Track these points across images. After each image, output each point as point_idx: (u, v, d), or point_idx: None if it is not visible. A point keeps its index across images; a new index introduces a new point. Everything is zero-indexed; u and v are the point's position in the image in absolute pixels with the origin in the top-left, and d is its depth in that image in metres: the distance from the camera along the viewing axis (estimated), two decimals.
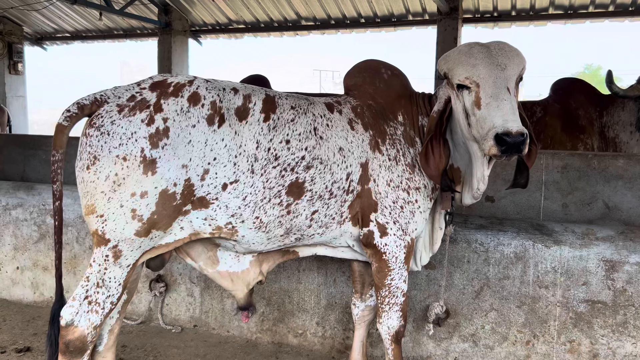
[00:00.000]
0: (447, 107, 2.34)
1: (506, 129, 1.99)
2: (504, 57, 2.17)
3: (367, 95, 2.56)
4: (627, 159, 3.47)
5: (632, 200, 3.43)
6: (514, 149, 1.99)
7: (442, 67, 2.33)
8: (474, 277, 2.99)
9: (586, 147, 4.59)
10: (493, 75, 2.13)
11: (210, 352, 3.24)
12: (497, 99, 2.08)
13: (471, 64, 2.18)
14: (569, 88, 4.85)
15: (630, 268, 2.74)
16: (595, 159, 3.54)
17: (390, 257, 2.47)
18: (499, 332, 2.95)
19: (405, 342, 3.10)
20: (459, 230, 3.03)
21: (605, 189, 3.50)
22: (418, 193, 2.48)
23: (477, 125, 2.15)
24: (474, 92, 2.17)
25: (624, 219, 3.45)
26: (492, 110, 2.07)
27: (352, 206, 2.45)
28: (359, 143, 2.43)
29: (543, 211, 3.64)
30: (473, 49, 2.22)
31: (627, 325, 2.75)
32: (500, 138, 1.99)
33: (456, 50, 2.29)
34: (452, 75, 2.26)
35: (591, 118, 4.67)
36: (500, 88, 2.11)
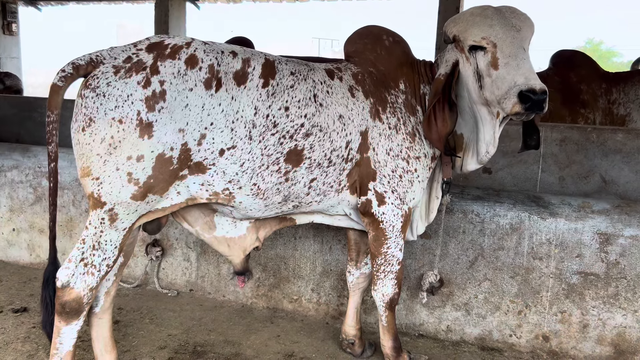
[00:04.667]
0: (454, 71, 2.32)
1: (530, 86, 2.02)
2: (517, 19, 2.20)
3: (368, 62, 2.52)
4: (626, 133, 3.46)
5: (629, 174, 3.44)
6: (537, 106, 2.03)
7: (451, 29, 2.31)
8: (469, 247, 3.01)
9: (587, 122, 4.57)
10: (510, 35, 2.15)
11: (206, 316, 3.28)
12: (516, 58, 2.11)
13: (488, 24, 2.18)
14: (570, 61, 4.80)
15: (624, 241, 2.76)
16: (594, 133, 3.53)
17: (387, 226, 2.48)
18: (492, 301, 2.99)
19: (399, 310, 3.14)
20: (455, 201, 3.04)
21: (603, 163, 3.50)
22: (417, 162, 2.47)
23: (493, 86, 2.16)
24: (490, 52, 2.18)
25: (620, 192, 3.46)
26: (512, 69, 2.10)
27: (350, 175, 2.44)
28: (359, 111, 2.40)
29: (540, 184, 3.65)
30: (487, 11, 2.22)
31: (618, 297, 2.79)
32: (525, 95, 2.02)
33: (467, 12, 2.28)
34: (464, 37, 2.25)
35: (595, 93, 4.63)
36: (518, 48, 2.13)
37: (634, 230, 2.75)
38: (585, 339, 2.85)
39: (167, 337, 3.00)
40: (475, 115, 2.35)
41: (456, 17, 2.29)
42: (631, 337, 2.78)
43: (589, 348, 2.85)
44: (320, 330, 3.16)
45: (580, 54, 5.00)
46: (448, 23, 2.32)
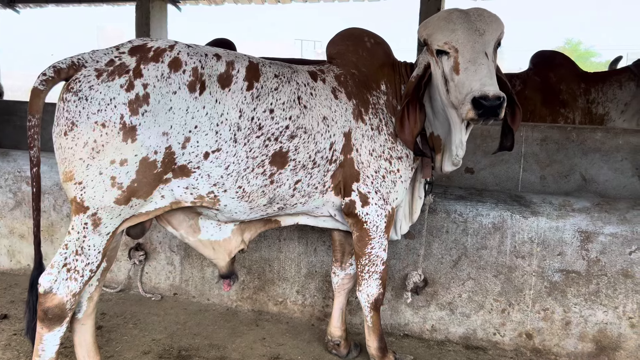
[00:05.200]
0: (426, 73, 2.35)
1: (483, 92, 2.01)
2: (483, 22, 2.18)
3: (350, 63, 2.54)
4: (604, 132, 3.52)
5: (608, 172, 3.50)
6: (491, 112, 2.01)
7: (422, 33, 2.33)
8: (452, 246, 3.03)
9: (567, 121, 4.63)
10: (472, 40, 2.14)
11: (190, 320, 3.26)
12: (475, 64, 2.10)
13: (450, 29, 2.18)
14: (549, 61, 4.87)
15: (604, 239, 2.81)
16: (574, 132, 3.59)
17: (371, 226, 2.49)
18: (476, 300, 3.02)
19: (384, 310, 3.16)
20: (438, 201, 3.06)
21: (583, 162, 3.56)
22: (400, 162, 2.49)
23: (456, 91, 2.16)
24: (452, 57, 2.18)
25: (600, 191, 3.52)
26: (470, 74, 2.08)
27: (334, 176, 2.45)
28: (343, 112, 2.41)
29: (521, 183, 3.70)
30: (452, 15, 2.22)
31: (599, 294, 2.83)
32: (478, 102, 2.01)
33: (436, 16, 2.28)
34: (431, 41, 2.26)
35: (574, 93, 4.70)
36: (478, 53, 2.12)
37: (614, 228, 2.79)
38: (568, 336, 2.89)
39: (151, 342, 2.97)
40: (447, 117, 2.38)
41: (426, 21, 2.31)
42: (612, 333, 2.82)
43: (572, 345, 2.89)
44: (305, 332, 3.16)
45: (560, 55, 5.07)
46: (420, 26, 2.34)
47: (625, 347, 2.81)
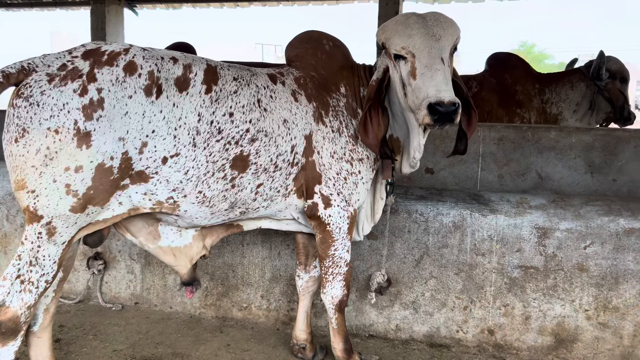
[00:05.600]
0: (385, 76, 2.37)
1: (439, 98, 2.02)
2: (439, 27, 2.20)
3: (309, 66, 2.54)
4: (558, 130, 3.63)
5: (562, 170, 3.60)
6: (446, 118, 2.03)
7: (380, 37, 2.34)
8: (415, 246, 3.07)
9: (523, 121, 4.75)
10: (428, 45, 2.15)
11: (152, 329, 3.19)
12: (431, 69, 2.11)
13: (407, 34, 2.19)
14: (504, 63, 4.98)
15: (560, 234, 2.89)
16: (529, 131, 3.68)
17: (334, 228, 2.50)
18: (438, 298, 3.06)
19: (349, 311, 3.17)
20: (400, 201, 3.09)
21: (539, 160, 3.65)
22: (361, 164, 2.51)
23: (413, 95, 2.18)
24: (409, 62, 2.19)
25: (555, 188, 3.62)
26: (427, 80, 2.10)
27: (297, 178, 2.44)
28: (303, 115, 2.41)
29: (480, 182, 3.77)
30: (409, 19, 2.23)
31: (556, 289, 2.91)
32: (433, 108, 2.02)
33: (393, 21, 2.30)
34: (389, 45, 2.27)
35: (529, 93, 4.83)
36: (434, 58, 2.13)
37: (569, 224, 2.88)
38: (528, 331, 2.96)
39: (112, 353, 2.90)
40: (406, 120, 2.40)
41: (384, 25, 2.32)
42: (570, 326, 2.91)
43: (532, 339, 2.96)
44: (271, 336, 3.14)
45: (515, 56, 5.20)
46: (378, 30, 2.35)
47: (582, 339, 2.89)
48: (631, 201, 2.99)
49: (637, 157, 3.44)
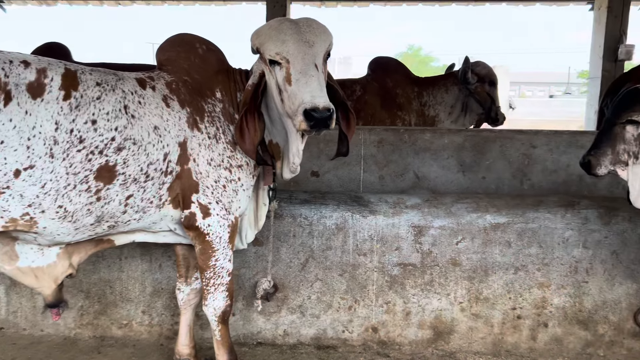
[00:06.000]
0: (261, 81, 2.34)
1: (314, 104, 2.04)
2: (312, 33, 2.21)
3: (182, 70, 2.45)
4: (432, 132, 3.82)
5: (437, 170, 3.80)
6: (322, 123, 2.05)
7: (254, 42, 2.32)
8: (300, 250, 3.08)
9: (404, 123, 4.95)
10: (302, 51, 2.16)
11: (20, 355, 2.92)
12: (305, 75, 2.12)
13: (281, 39, 2.18)
14: (385, 67, 5.17)
15: (434, 232, 3.03)
16: (406, 134, 3.84)
17: (214, 238, 2.43)
18: (324, 300, 3.09)
19: (236, 321, 3.10)
20: (284, 206, 3.08)
21: (415, 161, 3.82)
22: (240, 171, 2.46)
23: (289, 101, 2.18)
24: (284, 68, 2.19)
25: (431, 187, 3.81)
26: (301, 86, 2.11)
27: (171, 188, 2.34)
28: (176, 121, 2.32)
29: (363, 183, 3.87)
30: (283, 25, 2.22)
31: (433, 284, 3.05)
32: (309, 113, 2.04)
33: (267, 26, 2.28)
34: (263, 50, 2.25)
35: (409, 97, 5.04)
36: (308, 64, 2.14)
37: (442, 221, 3.03)
38: (409, 326, 3.08)
39: None
40: (284, 126, 2.40)
41: (258, 30, 2.30)
42: (446, 318, 3.06)
43: (413, 333, 3.08)
44: (154, 353, 2.99)
45: (394, 61, 5.41)
46: (252, 34, 2.33)
47: (458, 330, 3.06)
48: (497, 198, 3.21)
49: (503, 156, 3.71)
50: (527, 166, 3.69)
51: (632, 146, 2.40)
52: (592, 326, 2.99)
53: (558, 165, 3.68)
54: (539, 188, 3.68)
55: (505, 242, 2.98)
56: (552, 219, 2.96)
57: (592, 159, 2.43)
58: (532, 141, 3.68)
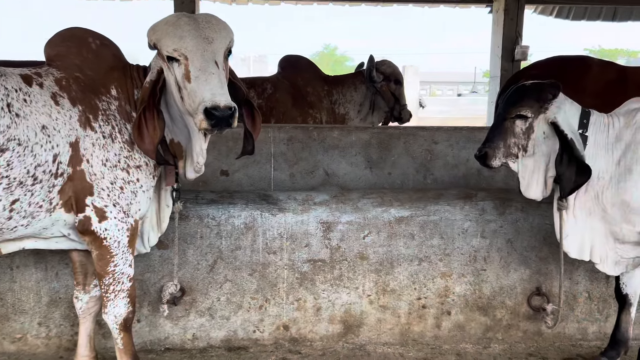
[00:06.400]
0: (160, 78, 2.27)
1: (214, 102, 2.01)
2: (211, 30, 2.17)
3: (73, 66, 2.32)
4: (340, 130, 3.88)
5: (346, 167, 3.86)
6: (224, 122, 2.03)
7: (151, 37, 2.25)
8: (208, 251, 3.01)
9: (315, 121, 5.00)
10: (201, 48, 2.12)
11: None
12: (205, 73, 2.09)
13: (178, 35, 2.13)
14: (296, 65, 5.20)
15: (342, 227, 3.07)
16: (315, 131, 3.87)
17: (112, 243, 2.32)
18: (234, 301, 3.05)
19: (141, 327, 2.99)
20: (190, 207, 3.01)
21: (325, 158, 3.86)
22: (139, 171, 2.36)
23: (189, 99, 2.14)
24: (183, 65, 2.14)
25: (341, 183, 3.86)
26: (201, 84, 2.07)
27: (63, 191, 2.21)
28: (66, 120, 2.19)
29: (273, 181, 3.86)
30: (180, 20, 2.17)
31: (342, 278, 3.09)
32: (209, 112, 2.01)
33: (163, 21, 2.22)
34: (160, 46, 2.19)
35: (320, 95, 5.09)
36: (208, 62, 2.11)
37: (349, 217, 3.08)
38: (320, 321, 3.10)
39: None
40: (186, 124, 2.34)
41: (155, 25, 2.23)
42: (355, 311, 3.11)
43: (323, 329, 3.10)
44: None
45: (304, 59, 5.44)
46: (149, 30, 2.25)
47: (367, 323, 3.12)
48: (401, 192, 3.31)
49: (407, 152, 3.83)
50: (430, 161, 3.84)
51: (521, 140, 2.55)
52: (491, 311, 3.15)
53: (458, 159, 3.85)
54: (441, 182, 3.84)
55: (409, 234, 3.08)
56: (452, 211, 3.09)
57: (488, 151, 2.55)
58: (434, 137, 3.83)
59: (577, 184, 2.47)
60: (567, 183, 2.47)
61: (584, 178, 2.45)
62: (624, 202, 2.51)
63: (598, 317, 3.19)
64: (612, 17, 8.46)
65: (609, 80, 4.04)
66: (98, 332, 2.90)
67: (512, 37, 7.36)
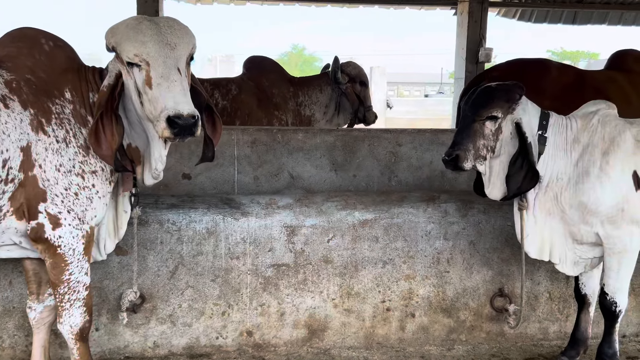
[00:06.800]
0: (118, 82, 2.21)
1: (177, 111, 1.99)
2: (174, 35, 2.15)
3: (24, 68, 2.24)
4: (305, 132, 3.85)
5: (311, 169, 3.84)
6: (187, 131, 2.02)
7: (109, 40, 2.19)
8: (168, 257, 2.95)
9: (281, 123, 4.95)
10: (163, 54, 2.09)
11: None
12: (167, 80, 2.06)
13: (140, 40, 2.09)
14: (261, 66, 5.14)
15: (306, 231, 3.05)
16: (279, 134, 3.84)
17: (66, 250, 2.25)
18: (196, 308, 2.99)
19: (100, 336, 2.91)
20: (149, 212, 2.94)
21: (289, 161, 3.83)
22: (95, 177, 2.29)
23: (150, 105, 2.10)
24: (144, 70, 2.10)
25: (306, 186, 3.84)
26: (163, 91, 2.05)
27: (13, 197, 2.13)
28: (17, 124, 2.11)
29: (237, 185, 3.81)
30: (142, 25, 2.13)
31: (306, 282, 3.07)
32: (172, 121, 1.99)
33: (124, 24, 2.17)
34: (120, 50, 2.14)
35: (285, 96, 5.04)
36: (170, 68, 2.09)
37: (314, 220, 3.05)
38: (284, 326, 3.07)
39: None
40: (145, 130, 2.29)
41: (114, 27, 2.18)
42: (320, 316, 3.09)
43: (288, 334, 3.07)
44: None
45: (269, 60, 5.40)
46: (107, 32, 2.20)
47: (331, 327, 3.10)
48: (365, 195, 3.30)
49: (371, 155, 3.84)
50: (394, 163, 3.85)
51: (490, 141, 2.55)
52: (455, 313, 3.18)
53: (422, 162, 3.87)
54: (405, 184, 3.85)
55: (373, 237, 3.07)
56: (415, 214, 3.10)
57: (459, 154, 2.51)
58: (398, 140, 3.84)
59: (522, 189, 2.51)
60: (514, 184, 2.50)
61: (531, 184, 2.49)
62: (581, 203, 2.55)
63: (559, 317, 3.24)
64: (572, 20, 8.68)
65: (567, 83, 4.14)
66: (54, 342, 2.81)
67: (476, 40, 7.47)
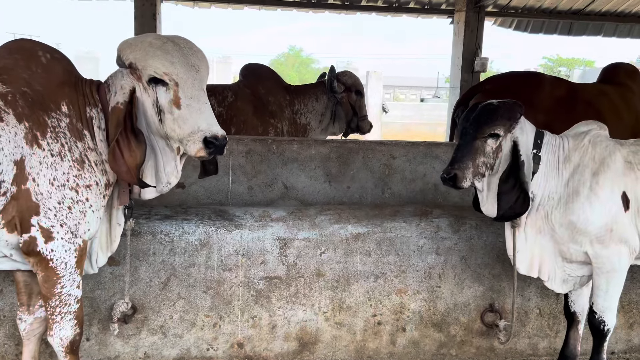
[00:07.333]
0: (133, 98, 2.24)
1: (213, 132, 2.14)
2: (196, 57, 2.25)
3: (20, 81, 2.24)
4: (300, 143, 3.86)
5: (305, 180, 3.85)
6: (219, 151, 2.17)
7: (127, 55, 2.24)
8: (161, 268, 2.95)
9: (276, 131, 4.96)
10: (190, 76, 2.19)
11: None
12: (198, 102, 2.18)
13: (169, 60, 2.17)
14: (257, 74, 5.15)
15: (299, 244, 3.06)
16: (274, 144, 3.85)
17: (58, 264, 2.25)
18: (187, 319, 2.99)
19: (91, 346, 2.91)
20: (142, 222, 2.94)
21: (284, 171, 3.84)
22: (89, 191, 2.30)
23: (175, 125, 2.19)
24: (172, 90, 2.18)
25: (300, 197, 3.85)
26: (195, 112, 2.16)
27: (6, 210, 2.13)
28: (11, 137, 2.11)
29: (231, 195, 3.82)
30: (167, 45, 2.21)
31: (298, 295, 3.08)
32: (209, 141, 2.13)
33: (146, 42, 2.23)
34: (143, 66, 2.20)
35: (281, 104, 5.05)
36: (199, 90, 2.20)
37: (306, 233, 3.07)
38: (275, 339, 3.08)
39: None
40: (152, 144, 2.33)
41: (132, 43, 2.22)
42: (311, 328, 3.10)
43: (279, 346, 3.08)
44: None
45: (266, 68, 5.41)
46: (124, 47, 2.23)
47: (322, 340, 3.11)
48: (358, 208, 3.32)
49: (365, 166, 3.85)
50: (388, 176, 3.87)
51: (490, 159, 2.55)
52: (445, 328, 3.19)
53: (416, 174, 3.89)
54: (399, 197, 3.87)
55: (365, 251, 3.09)
56: (408, 228, 3.12)
57: (457, 173, 2.50)
58: (392, 152, 3.86)
59: (516, 211, 2.52)
60: (504, 203, 2.51)
61: (524, 207, 2.51)
62: (571, 222, 2.57)
63: (548, 333, 3.27)
64: (568, 31, 8.72)
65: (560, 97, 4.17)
66: (44, 352, 2.80)
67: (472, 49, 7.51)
